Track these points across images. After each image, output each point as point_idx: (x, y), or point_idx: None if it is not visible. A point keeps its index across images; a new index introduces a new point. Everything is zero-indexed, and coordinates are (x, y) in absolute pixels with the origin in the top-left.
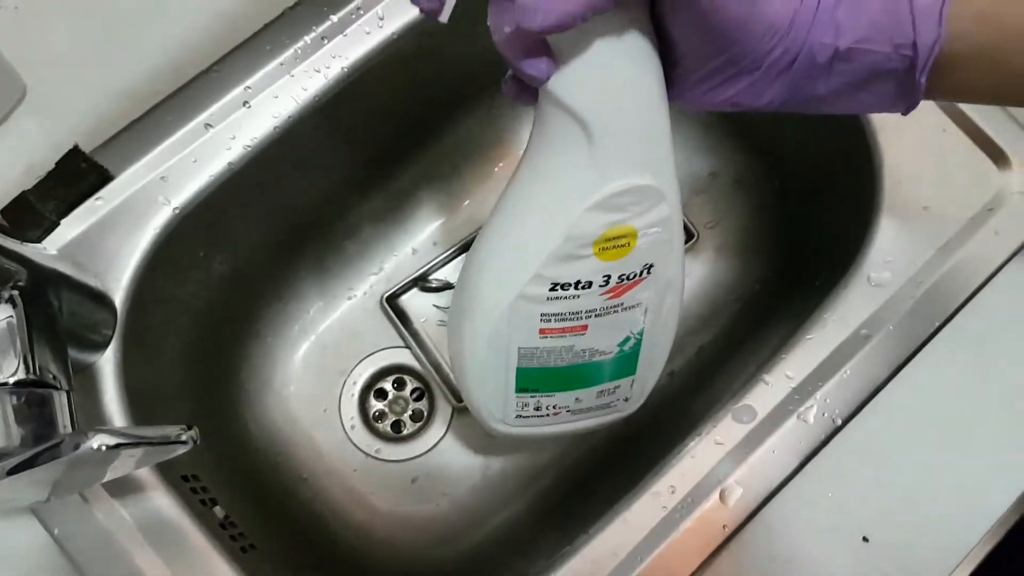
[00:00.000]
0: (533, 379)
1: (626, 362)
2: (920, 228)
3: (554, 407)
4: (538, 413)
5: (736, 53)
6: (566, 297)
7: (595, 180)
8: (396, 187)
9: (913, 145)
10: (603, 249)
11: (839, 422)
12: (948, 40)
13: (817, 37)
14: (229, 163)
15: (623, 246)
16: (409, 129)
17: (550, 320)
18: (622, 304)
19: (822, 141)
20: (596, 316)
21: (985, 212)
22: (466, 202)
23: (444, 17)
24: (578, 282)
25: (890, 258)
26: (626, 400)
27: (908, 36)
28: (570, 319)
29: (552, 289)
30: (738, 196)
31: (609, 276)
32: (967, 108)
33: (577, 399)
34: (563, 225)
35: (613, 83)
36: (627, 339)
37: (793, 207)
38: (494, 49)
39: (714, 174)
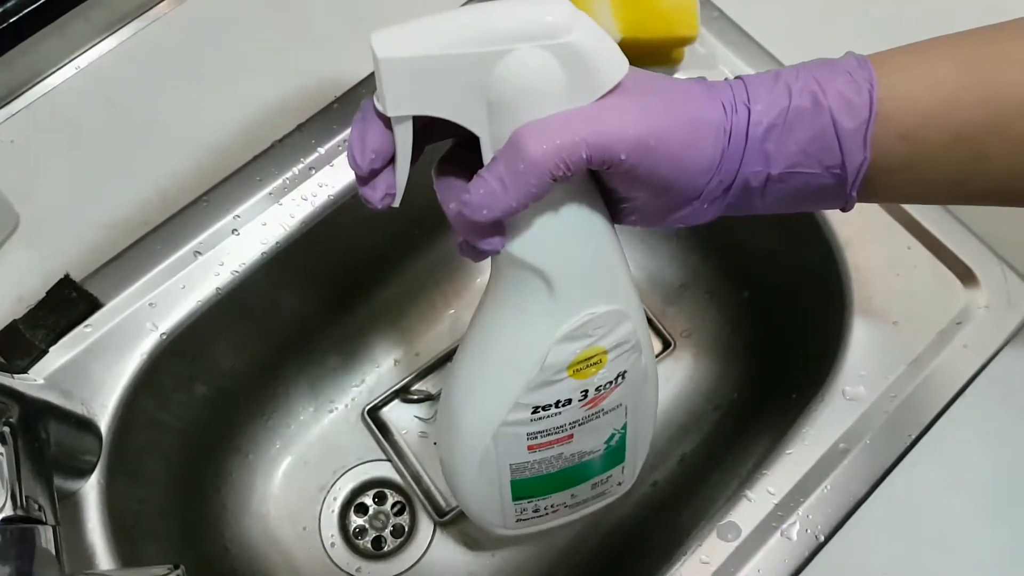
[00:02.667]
0: (528, 487)
1: (614, 454)
2: (891, 342)
3: (551, 506)
4: (537, 514)
5: (675, 194)
6: (548, 416)
7: (559, 317)
8: (379, 301)
9: (880, 261)
10: (577, 370)
11: (822, 538)
12: (874, 158)
13: (749, 168)
14: (217, 288)
15: (595, 363)
16: (392, 248)
17: (536, 437)
18: (602, 410)
19: (789, 255)
20: (580, 425)
21: (953, 326)
22: (449, 311)
23: (397, 202)
24: (558, 402)
25: (863, 372)
26: (619, 484)
27: (836, 159)
28: (555, 433)
29: (534, 412)
30: (711, 306)
31: (587, 391)
32: (930, 226)
33: (573, 495)
34: (535, 359)
35: (565, 237)
36: (612, 435)
37: (764, 319)
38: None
39: (684, 286)
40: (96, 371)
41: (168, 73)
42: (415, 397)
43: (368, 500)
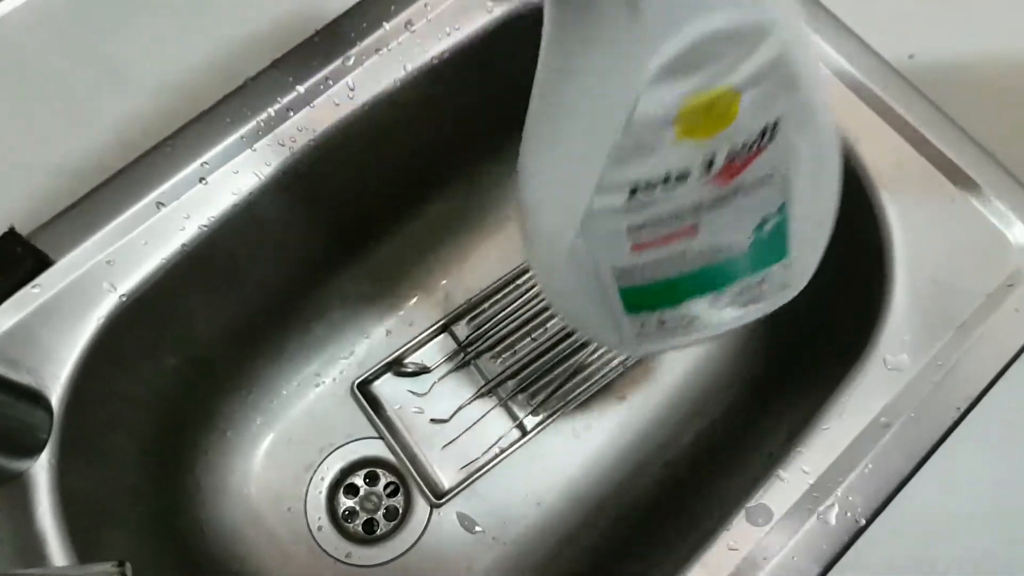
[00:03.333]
0: (643, 296)
1: (770, 247)
2: (936, 305)
3: (685, 318)
4: (665, 328)
5: None
6: (655, 198)
7: (648, 41)
8: (368, 265)
9: (924, 216)
10: (691, 127)
11: (863, 521)
12: None
13: None
14: (183, 244)
15: (720, 115)
16: (382, 205)
17: (640, 231)
18: (742, 186)
19: None
20: (707, 211)
21: (1004, 288)
22: (443, 281)
23: None
24: (667, 177)
25: (906, 338)
26: (784, 288)
27: None
28: (669, 223)
29: (632, 194)
30: None
31: (712, 158)
32: (979, 177)
33: (712, 301)
34: (619, 112)
35: None
36: (764, 222)
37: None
38: (471, 123)
39: None
40: (46, 337)
41: (128, 3)
42: (409, 370)
43: (359, 480)
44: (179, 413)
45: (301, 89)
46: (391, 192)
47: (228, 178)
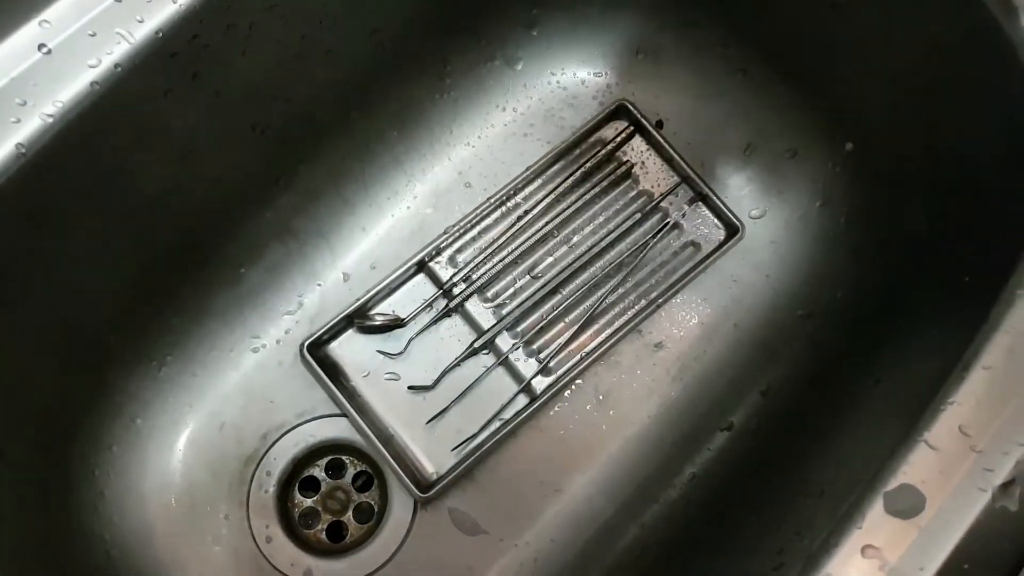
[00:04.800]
0: None
1: None
2: None
3: None
4: None
5: None
6: None
7: None
8: (312, 184)
9: None
10: None
11: None
12: None
13: None
14: (18, 145)
15: None
16: (325, 97)
17: None
18: None
19: (923, 69)
20: None
21: None
22: (413, 201)
23: None
24: None
25: None
26: None
27: None
28: None
29: None
30: (794, 171)
31: None
32: None
33: None
34: None
35: None
36: None
37: (878, 179)
38: None
39: (753, 144)
40: None
41: None
42: (376, 323)
43: (318, 472)
44: (65, 399)
45: None
46: (338, 77)
47: (82, 43)
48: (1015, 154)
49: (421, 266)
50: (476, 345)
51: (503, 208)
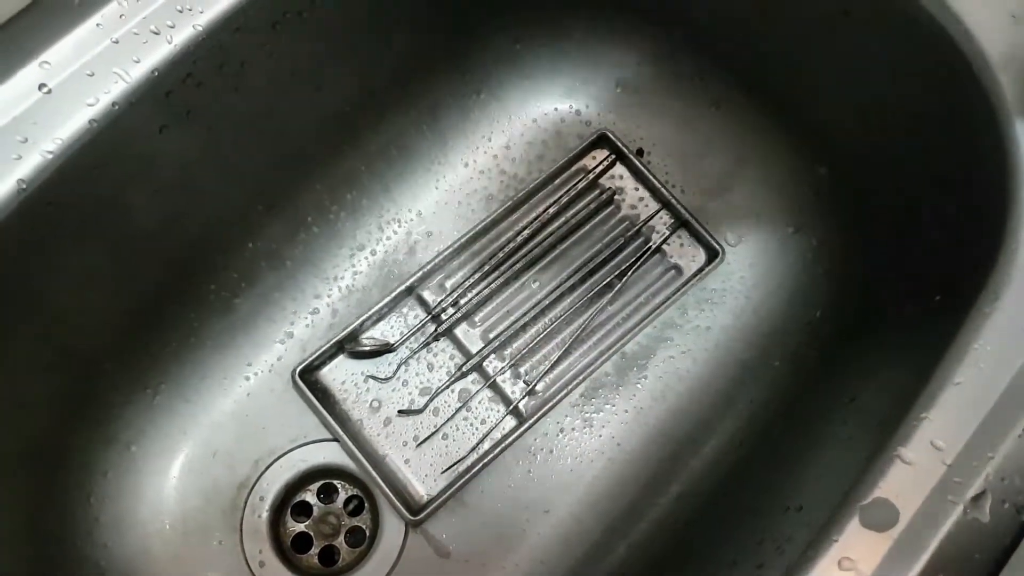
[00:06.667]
0: None
1: None
2: None
3: None
4: None
5: None
6: None
7: None
8: (302, 213)
9: None
10: None
11: None
12: None
13: None
14: (19, 181)
15: None
16: (314, 131)
17: None
18: None
19: (896, 89)
20: None
21: None
22: (395, 232)
23: None
24: None
25: None
26: None
27: None
28: None
29: None
30: (771, 195)
31: None
32: None
33: None
34: None
35: None
36: None
37: (855, 200)
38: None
39: (731, 171)
40: None
41: None
42: (366, 348)
43: (310, 497)
44: (61, 425)
45: None
46: (329, 116)
47: (81, 83)
48: (978, 177)
49: (410, 292)
50: (465, 369)
51: (490, 235)
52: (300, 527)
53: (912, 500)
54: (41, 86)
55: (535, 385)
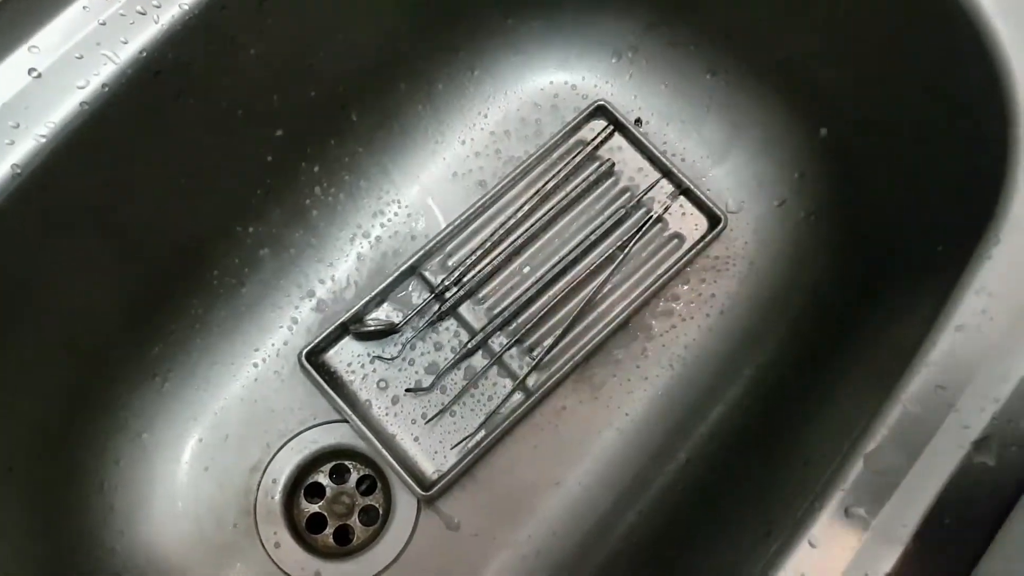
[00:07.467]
0: None
1: None
2: None
3: None
4: None
5: None
6: None
7: None
8: (301, 196)
9: None
10: None
11: None
12: None
13: None
14: (13, 166)
15: None
16: (308, 112)
17: None
18: None
19: (893, 55)
20: None
21: None
22: (395, 213)
23: None
24: None
25: None
26: None
27: None
28: None
29: None
30: (771, 160)
31: None
32: None
33: None
34: None
35: None
36: None
37: (854, 163)
38: None
39: (731, 137)
40: None
41: None
42: (370, 328)
43: (323, 478)
44: (72, 415)
45: None
46: (323, 97)
47: (70, 66)
48: (973, 129)
49: (412, 271)
50: (470, 346)
51: (490, 211)
52: (314, 508)
53: (918, 445)
54: (31, 71)
55: (541, 360)
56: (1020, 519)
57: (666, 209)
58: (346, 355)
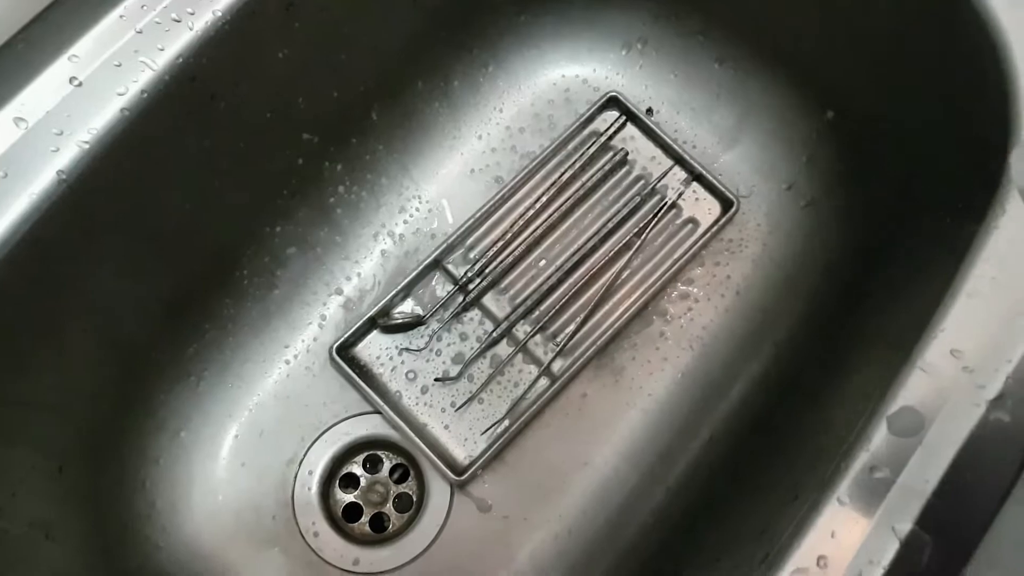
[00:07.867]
0: None
1: None
2: None
3: None
4: None
5: None
6: None
7: None
8: (326, 196)
9: None
10: None
11: None
12: None
13: None
14: (59, 172)
15: None
16: (332, 112)
17: None
18: None
19: (897, 38)
20: None
21: None
22: (416, 208)
23: None
24: None
25: None
26: None
27: None
28: None
29: None
30: (781, 143)
31: None
32: None
33: None
34: None
35: None
36: None
37: (860, 144)
38: None
39: (740, 122)
40: None
41: None
42: (398, 322)
43: (357, 468)
44: (111, 415)
45: None
46: (346, 97)
47: (109, 74)
48: (977, 105)
49: (436, 265)
50: (495, 335)
51: (508, 204)
52: (349, 497)
53: (936, 406)
54: (72, 79)
55: (564, 346)
56: None
57: (680, 195)
58: (375, 348)
